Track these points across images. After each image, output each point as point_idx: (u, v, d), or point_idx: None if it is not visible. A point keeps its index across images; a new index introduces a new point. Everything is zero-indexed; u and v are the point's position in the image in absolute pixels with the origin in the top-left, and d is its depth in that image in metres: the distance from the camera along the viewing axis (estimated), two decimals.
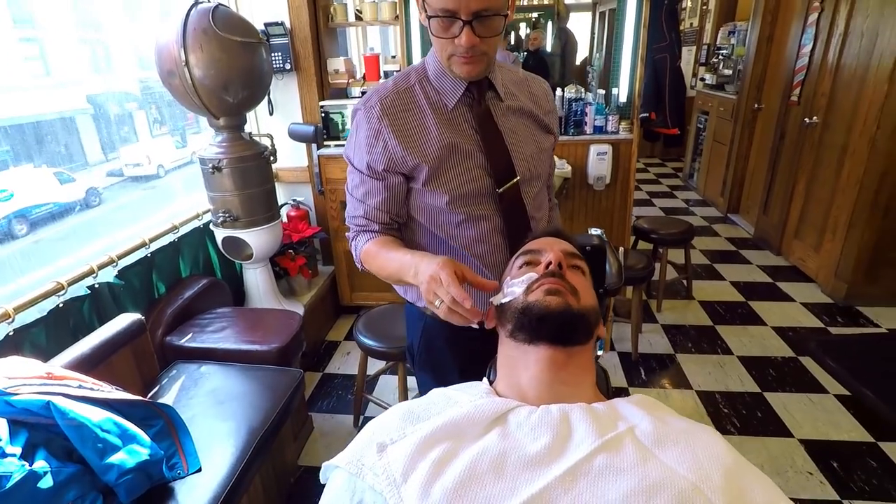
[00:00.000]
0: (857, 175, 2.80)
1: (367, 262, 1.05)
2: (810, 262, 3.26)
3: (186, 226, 2.27)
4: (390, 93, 1.01)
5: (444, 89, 1.01)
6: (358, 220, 1.07)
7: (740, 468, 0.62)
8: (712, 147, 4.84)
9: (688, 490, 0.57)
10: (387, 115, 0.99)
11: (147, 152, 3.48)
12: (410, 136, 0.99)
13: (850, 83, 2.92)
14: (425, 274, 0.82)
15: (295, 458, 1.98)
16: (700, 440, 0.65)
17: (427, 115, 1.00)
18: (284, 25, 2.57)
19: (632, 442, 0.64)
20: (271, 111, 2.74)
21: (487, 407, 0.69)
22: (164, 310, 2.04)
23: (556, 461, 0.62)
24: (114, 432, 1.32)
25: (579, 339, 0.76)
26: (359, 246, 1.06)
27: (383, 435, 0.70)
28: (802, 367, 2.42)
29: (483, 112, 1.01)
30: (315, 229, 2.76)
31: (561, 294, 0.75)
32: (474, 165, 1.01)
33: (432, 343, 1.16)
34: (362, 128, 1.01)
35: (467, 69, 0.94)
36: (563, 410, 0.68)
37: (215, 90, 2.02)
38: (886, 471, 1.83)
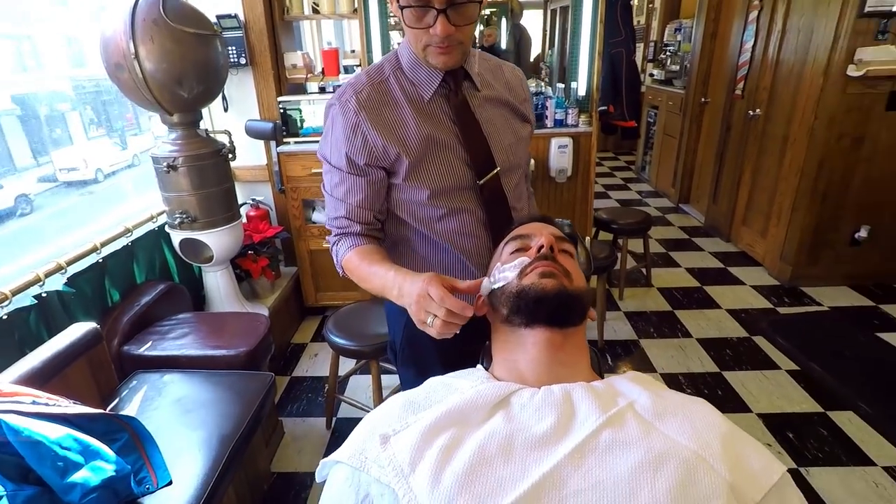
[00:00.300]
0: (797, 164, 2.96)
1: (349, 271, 1.02)
2: (757, 247, 3.44)
3: (140, 228, 2.15)
4: (365, 86, 0.98)
5: (420, 81, 0.98)
6: (340, 221, 1.03)
7: (735, 435, 0.65)
8: (663, 140, 5.02)
9: (692, 459, 0.59)
10: (363, 108, 0.96)
11: (83, 156, 3.28)
12: (389, 128, 0.97)
13: (788, 77, 3.09)
14: (411, 295, 0.80)
15: (267, 464, 1.91)
16: (696, 411, 0.67)
17: (404, 107, 0.98)
18: (238, 18, 2.48)
19: (633, 416, 0.65)
20: (226, 107, 2.64)
21: (489, 391, 0.69)
22: (119, 318, 1.93)
23: (563, 440, 0.63)
24: (74, 449, 1.23)
25: (575, 320, 0.77)
26: (340, 253, 1.03)
27: (385, 426, 0.69)
28: (756, 346, 2.54)
29: (460, 103, 0.99)
30: (277, 229, 2.68)
31: (555, 276, 0.76)
32: (454, 158, 0.99)
33: (415, 339, 1.13)
34: (338, 123, 0.97)
35: (444, 59, 0.92)
36: (564, 390, 0.69)
37: (168, 84, 1.92)
38: (836, 438, 1.94)
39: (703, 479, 0.57)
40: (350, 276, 1.02)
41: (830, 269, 3.03)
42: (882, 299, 2.89)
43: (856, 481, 1.75)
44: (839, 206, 2.90)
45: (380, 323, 1.92)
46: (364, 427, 0.72)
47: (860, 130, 2.75)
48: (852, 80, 2.65)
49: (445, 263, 1.08)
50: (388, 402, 0.76)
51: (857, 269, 3.02)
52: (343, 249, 1.02)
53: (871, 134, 2.75)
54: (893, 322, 2.68)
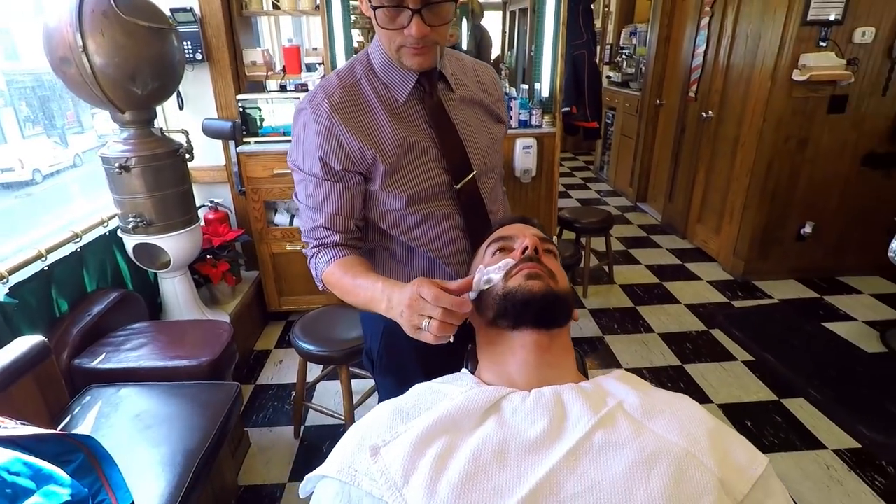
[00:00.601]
0: (748, 164, 3.10)
1: (331, 285, 0.96)
2: (712, 243, 3.58)
3: (90, 233, 2.02)
4: (337, 88, 0.94)
5: (393, 83, 0.95)
6: (317, 231, 0.97)
7: (720, 430, 0.66)
8: (620, 141, 5.16)
9: (682, 456, 0.60)
10: (336, 111, 0.92)
11: (18, 155, 3.08)
12: (365, 132, 0.93)
13: (738, 81, 3.23)
14: (402, 303, 0.76)
15: (234, 477, 1.84)
16: (682, 407, 0.69)
17: (378, 110, 0.94)
18: (193, 12, 2.37)
19: (624, 416, 0.66)
20: (181, 105, 2.52)
21: (480, 396, 0.68)
22: (68, 329, 1.81)
23: (557, 443, 0.63)
24: (24, 474, 1.14)
25: (561, 321, 0.77)
26: (320, 267, 0.96)
27: (374, 437, 0.67)
28: (714, 338, 2.65)
29: (435, 105, 0.97)
30: (237, 232, 2.58)
31: (541, 278, 0.76)
32: (431, 162, 0.97)
33: (394, 346, 1.10)
34: (311, 128, 0.93)
35: (419, 61, 0.88)
36: (555, 392, 0.69)
37: (120, 80, 1.82)
38: (790, 424, 2.04)
39: (695, 476, 0.58)
40: (331, 290, 0.96)
41: (779, 263, 3.19)
42: (826, 291, 3.07)
43: (809, 465, 1.84)
44: (786, 205, 3.06)
45: (348, 327, 1.88)
46: (351, 439, 0.69)
47: (805, 133, 2.90)
48: (797, 85, 2.79)
49: (424, 270, 1.05)
50: (375, 412, 0.73)
51: (803, 263, 3.19)
52: (323, 262, 0.96)
53: (814, 136, 2.91)
54: (837, 312, 2.84)
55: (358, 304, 0.91)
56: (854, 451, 1.90)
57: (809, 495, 1.72)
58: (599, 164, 5.82)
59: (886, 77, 2.79)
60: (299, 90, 2.60)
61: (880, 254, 2.64)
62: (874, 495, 1.72)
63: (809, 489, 1.74)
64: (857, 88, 2.80)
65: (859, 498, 1.71)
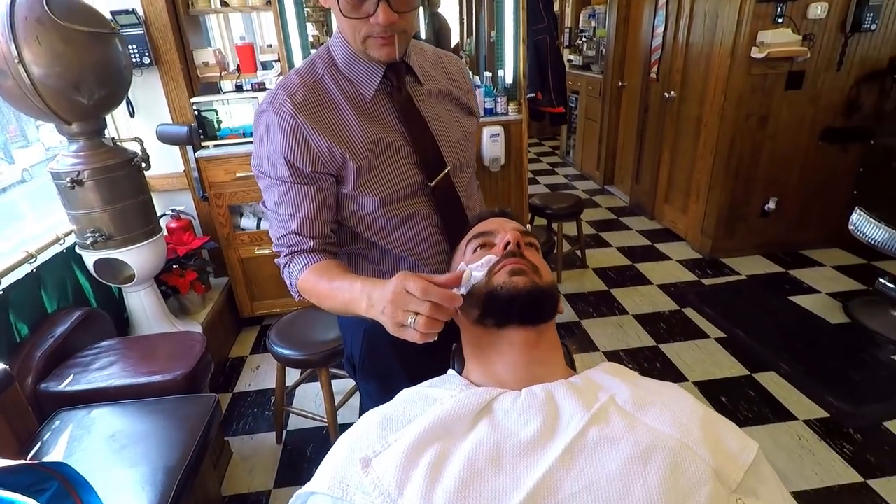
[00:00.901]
0: (711, 143, 3.15)
1: (306, 292, 0.90)
2: (679, 223, 3.65)
3: (45, 252, 1.94)
4: (298, 87, 0.89)
5: (359, 78, 0.91)
6: (289, 238, 0.91)
7: (710, 418, 0.67)
8: (585, 124, 5.19)
9: (677, 448, 0.60)
10: (301, 111, 0.87)
11: None
12: (332, 131, 0.88)
13: (698, 60, 3.27)
14: (384, 299, 0.71)
15: (217, 489, 1.81)
16: (672, 397, 0.69)
17: (344, 109, 0.90)
18: (136, 13, 2.27)
19: (616, 410, 0.65)
20: (132, 112, 2.42)
21: (470, 399, 0.67)
22: (31, 353, 1.74)
23: (551, 442, 0.62)
24: None
25: (548, 316, 0.76)
26: (294, 274, 0.91)
27: (364, 448, 0.65)
28: (686, 317, 2.70)
29: (405, 100, 0.93)
30: (203, 239, 2.51)
31: (525, 273, 0.74)
32: (403, 160, 0.93)
33: (376, 350, 1.08)
34: (274, 131, 0.88)
35: (387, 51, 0.84)
36: (546, 390, 0.68)
37: (63, 91, 1.73)
38: (763, 398, 2.11)
39: (690, 468, 0.59)
40: (308, 298, 0.91)
41: (745, 240, 3.27)
42: (790, 265, 3.16)
43: (782, 436, 1.91)
44: (750, 181, 3.13)
45: (325, 329, 1.86)
46: (340, 451, 0.67)
47: (765, 109, 2.96)
48: (756, 62, 2.84)
49: None
50: (363, 422, 0.71)
51: (768, 238, 3.28)
52: (297, 270, 0.91)
53: (773, 112, 2.97)
54: (801, 285, 2.93)
55: (336, 308, 0.86)
56: (823, 420, 1.97)
57: (783, 466, 1.78)
58: (566, 149, 5.86)
59: (840, 52, 2.85)
60: (256, 89, 2.53)
61: (840, 226, 2.73)
62: (843, 462, 1.79)
63: (783, 460, 1.80)
64: (813, 64, 2.87)
65: (829, 466, 1.78)
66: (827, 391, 2.07)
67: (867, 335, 2.44)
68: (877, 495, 1.66)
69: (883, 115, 2.98)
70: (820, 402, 2.04)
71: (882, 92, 2.95)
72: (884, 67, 2.89)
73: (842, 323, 2.56)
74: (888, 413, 1.96)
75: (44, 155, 2.30)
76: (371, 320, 1.04)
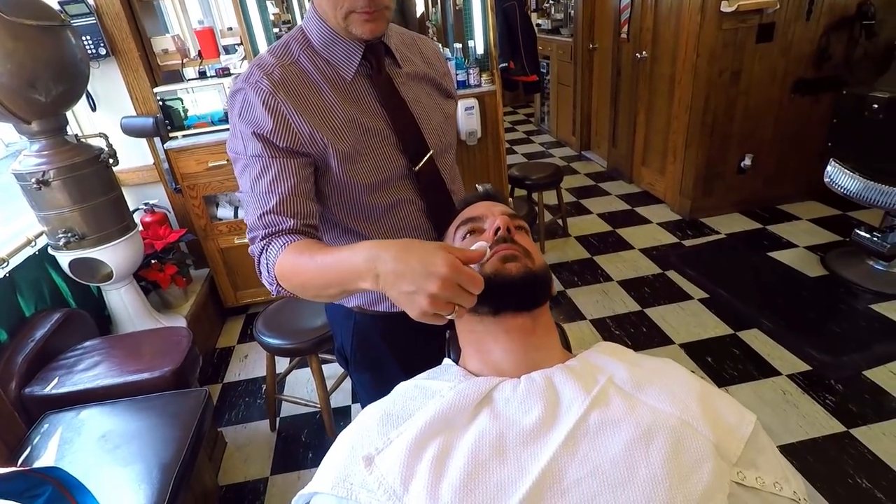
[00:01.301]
0: (686, 101, 3.15)
1: (286, 278, 0.77)
2: (658, 185, 3.66)
3: (17, 256, 1.89)
4: (275, 66, 0.84)
5: (337, 59, 0.87)
6: (267, 218, 0.80)
7: (708, 392, 0.68)
8: (558, 90, 5.14)
9: (678, 426, 0.61)
10: (280, 88, 0.82)
11: None
12: (313, 113, 0.83)
13: (668, 17, 3.23)
14: (403, 276, 0.60)
15: (214, 480, 1.82)
16: (669, 374, 0.69)
17: (324, 91, 0.86)
18: (86, 2, 2.17)
19: (616, 392, 0.66)
20: (93, 106, 2.35)
21: (470, 390, 0.67)
22: (12, 359, 1.71)
23: (553, 428, 0.62)
24: None
25: (542, 301, 0.76)
26: (270, 260, 0.79)
27: (366, 446, 0.64)
28: (669, 279, 2.74)
29: (384, 82, 0.90)
30: (180, 232, 2.47)
31: (518, 259, 0.73)
32: (386, 145, 0.90)
33: (367, 341, 1.07)
34: (251, 107, 0.83)
35: (371, 27, 0.81)
36: (545, 376, 0.68)
37: (18, 89, 1.67)
38: (748, 356, 2.15)
39: (692, 445, 0.59)
40: (287, 288, 0.78)
41: (723, 198, 3.30)
42: (768, 221, 3.20)
43: (766, 392, 1.95)
44: (725, 139, 3.14)
45: (313, 315, 1.86)
46: (341, 449, 0.67)
47: (737, 64, 2.96)
48: (726, 16, 2.82)
49: None
50: (363, 418, 0.70)
51: (745, 195, 3.31)
52: (274, 253, 0.78)
53: (746, 67, 2.97)
54: (779, 241, 2.97)
55: (327, 292, 0.73)
56: (805, 373, 2.02)
57: (769, 421, 1.82)
58: (540, 116, 5.81)
59: (809, 1, 2.85)
60: (221, 75, 2.46)
61: (815, 179, 2.77)
62: (826, 413, 1.83)
63: (769, 415, 1.85)
64: (783, 15, 2.86)
65: (814, 418, 1.82)
66: (808, 344, 2.13)
67: (845, 286, 2.50)
68: (860, 444, 1.71)
69: (853, 64, 2.99)
70: (801, 356, 2.09)
71: (851, 39, 2.96)
72: (852, 14, 2.89)
73: (820, 275, 2.60)
74: (867, 362, 2.02)
75: (4, 151, 2.24)
76: (359, 313, 1.04)
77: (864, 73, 2.94)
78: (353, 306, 1.03)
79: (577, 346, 0.84)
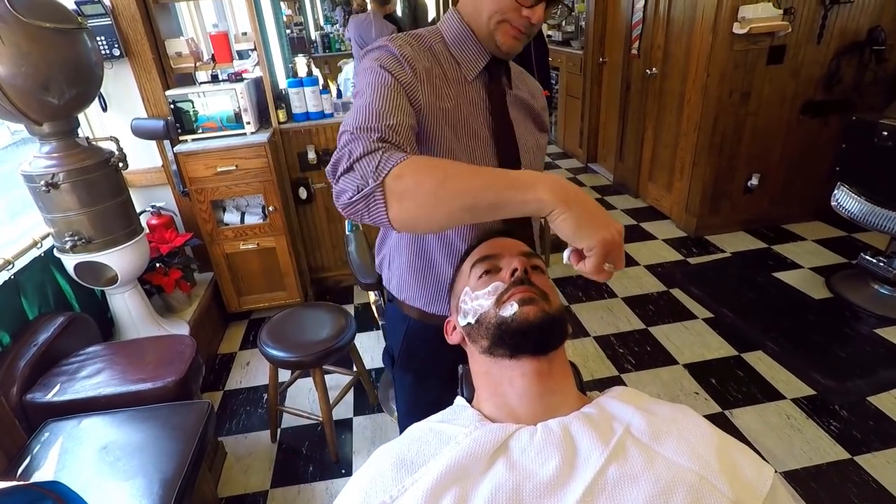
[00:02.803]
0: (695, 119, 3.15)
1: (420, 172, 0.66)
2: (664, 201, 3.66)
3: (23, 258, 1.87)
4: (409, 44, 0.88)
5: (465, 58, 0.91)
6: (383, 130, 0.72)
7: (725, 444, 0.66)
8: (566, 101, 5.15)
9: (696, 483, 0.60)
10: (415, 58, 0.86)
11: None
12: (433, 91, 0.87)
13: (680, 35, 3.24)
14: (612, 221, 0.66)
15: (213, 491, 1.80)
16: (687, 425, 0.68)
17: (447, 79, 0.90)
18: (103, 3, 2.16)
19: (633, 444, 0.65)
20: (104, 107, 2.33)
21: (486, 438, 0.66)
22: (14, 363, 1.69)
23: (571, 482, 0.61)
24: None
25: (558, 344, 0.75)
26: (394, 157, 0.68)
27: (380, 493, 0.63)
28: (674, 298, 2.73)
29: (499, 94, 0.94)
30: (186, 236, 2.45)
31: (535, 302, 0.72)
32: (486, 149, 0.93)
33: (415, 348, 1.10)
34: (389, 57, 0.84)
35: (514, 44, 0.87)
36: (563, 426, 0.67)
37: (32, 91, 1.65)
38: (752, 378, 2.14)
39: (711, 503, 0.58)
40: (411, 184, 0.66)
41: (729, 216, 3.31)
42: (774, 241, 3.20)
43: (771, 416, 1.94)
44: (733, 158, 3.15)
45: (318, 327, 1.85)
46: (353, 495, 0.66)
47: (747, 85, 2.96)
48: (738, 38, 2.82)
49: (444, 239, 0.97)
50: (376, 462, 0.69)
51: (751, 214, 3.32)
52: (398, 155, 0.68)
53: (755, 88, 2.98)
54: (785, 261, 2.97)
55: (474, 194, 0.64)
56: (810, 398, 2.01)
57: (773, 446, 1.81)
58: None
59: (820, 24, 2.85)
60: (233, 80, 2.45)
61: (821, 199, 2.77)
62: (830, 440, 1.83)
63: (773, 440, 1.83)
64: (794, 38, 2.87)
65: (818, 444, 1.82)
66: (812, 368, 2.12)
67: (850, 309, 2.49)
68: (864, 471, 1.70)
69: (862, 88, 3.00)
70: (806, 380, 2.09)
71: (861, 63, 2.96)
72: (863, 38, 2.90)
73: (825, 298, 2.60)
74: (872, 387, 2.01)
75: (10, 139, 2.22)
76: (416, 318, 1.05)
77: (874, 98, 2.95)
78: (411, 309, 1.05)
79: (581, 364, 0.83)
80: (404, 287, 1.04)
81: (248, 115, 2.39)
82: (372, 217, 0.69)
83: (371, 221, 0.70)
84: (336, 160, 0.72)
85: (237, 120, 2.40)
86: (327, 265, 2.99)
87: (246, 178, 2.41)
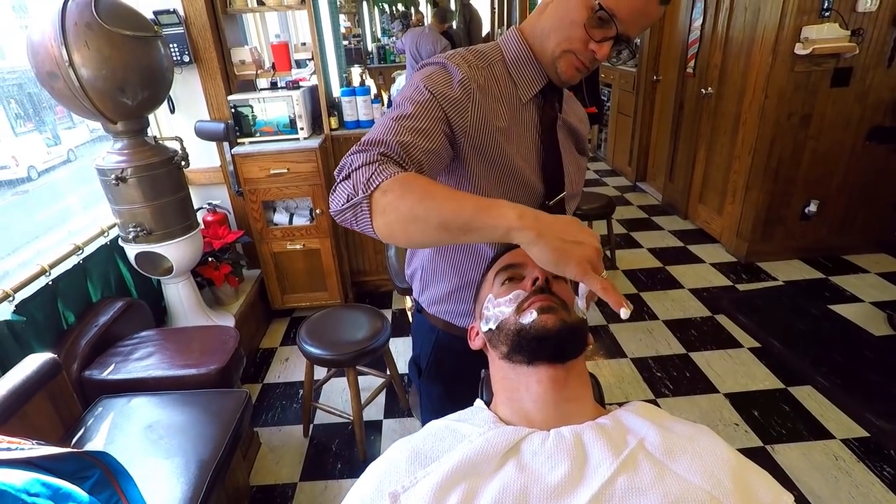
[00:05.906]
0: (750, 142, 3.05)
1: (405, 188, 0.70)
2: (714, 224, 3.55)
3: (91, 245, 2.03)
4: (471, 62, 0.89)
5: (522, 79, 0.92)
6: (392, 145, 0.76)
7: (742, 467, 0.65)
8: (617, 119, 5.08)
9: (706, 501, 0.59)
10: (474, 78, 0.87)
11: (12, 153, 3.09)
12: (488, 110, 0.88)
13: (738, 55, 3.16)
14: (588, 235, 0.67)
15: (246, 478, 1.88)
16: (704, 444, 0.67)
17: (502, 100, 0.91)
18: (177, 13, 2.33)
19: (645, 457, 0.64)
20: (172, 109, 2.50)
21: (499, 439, 0.67)
22: (77, 341, 1.83)
23: (578, 489, 0.61)
24: (44, 494, 1.16)
25: (576, 353, 0.75)
26: (386, 172, 0.71)
27: (393, 482, 0.66)
28: (719, 324, 2.64)
29: (550, 118, 0.95)
30: (237, 233, 2.58)
31: (554, 311, 0.73)
32: (530, 170, 0.94)
33: (443, 358, 1.11)
34: (444, 76, 0.86)
35: (573, 75, 0.88)
36: (575, 433, 0.68)
37: (109, 92, 1.80)
38: (798, 414, 2.04)
39: None
40: (394, 199, 0.69)
41: (783, 243, 3.17)
42: (831, 271, 3.04)
43: (817, 455, 1.84)
44: (790, 183, 3.02)
45: (355, 328, 1.90)
46: (368, 483, 0.68)
47: (808, 108, 2.85)
48: (800, 59, 2.73)
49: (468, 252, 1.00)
50: (392, 453, 0.72)
51: (808, 242, 3.16)
52: (391, 169, 0.72)
53: (817, 111, 2.86)
54: (842, 293, 2.82)
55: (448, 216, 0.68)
56: (862, 440, 1.90)
57: (817, 487, 1.71)
58: (597, 143, 5.75)
59: (892, 47, 2.72)
60: (290, 87, 2.57)
61: (885, 230, 2.61)
62: (883, 486, 1.71)
63: (817, 481, 1.74)
64: (862, 60, 2.74)
65: (868, 489, 1.71)
66: (867, 408, 1.99)
67: None
68: None
69: None
70: (859, 420, 1.97)
71: None
72: None
73: (886, 335, 2.44)
74: None
75: (88, 136, 2.41)
76: (441, 328, 1.08)
77: None
78: (438, 320, 1.07)
79: (616, 385, 0.83)
80: (434, 301, 1.06)
81: (301, 121, 2.50)
82: (359, 226, 0.73)
83: (359, 230, 0.74)
84: (340, 166, 0.76)
85: (292, 125, 2.51)
86: (368, 269, 3.07)
87: (296, 181, 2.52)
